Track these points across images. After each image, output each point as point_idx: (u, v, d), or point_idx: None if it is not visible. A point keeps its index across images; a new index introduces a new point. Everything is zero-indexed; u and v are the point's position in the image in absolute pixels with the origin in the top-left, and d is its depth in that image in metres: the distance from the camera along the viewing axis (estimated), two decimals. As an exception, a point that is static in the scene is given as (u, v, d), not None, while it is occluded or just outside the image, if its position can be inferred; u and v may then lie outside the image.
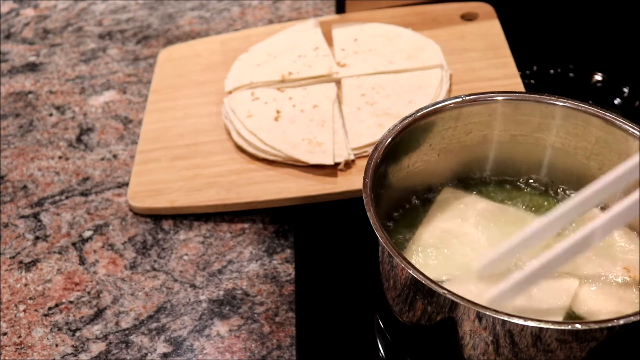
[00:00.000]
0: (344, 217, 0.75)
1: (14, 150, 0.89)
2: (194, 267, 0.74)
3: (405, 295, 0.55)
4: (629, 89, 0.92)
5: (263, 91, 0.86)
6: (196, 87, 0.92)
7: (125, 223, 0.79)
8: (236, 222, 0.78)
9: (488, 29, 0.91)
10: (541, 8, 1.01)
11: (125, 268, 0.74)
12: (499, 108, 0.66)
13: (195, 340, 0.67)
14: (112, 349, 0.67)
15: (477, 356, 0.54)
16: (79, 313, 0.70)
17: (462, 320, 0.52)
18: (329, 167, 0.77)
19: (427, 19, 0.95)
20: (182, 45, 1.01)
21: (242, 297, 0.70)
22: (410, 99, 0.82)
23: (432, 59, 0.87)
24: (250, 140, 0.80)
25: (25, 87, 0.98)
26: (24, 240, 0.78)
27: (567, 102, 0.64)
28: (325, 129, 0.80)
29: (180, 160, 0.82)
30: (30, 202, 0.82)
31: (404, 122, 0.64)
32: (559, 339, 0.50)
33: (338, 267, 0.72)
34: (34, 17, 1.12)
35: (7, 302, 0.71)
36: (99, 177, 0.84)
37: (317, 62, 0.89)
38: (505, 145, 0.68)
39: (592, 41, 0.99)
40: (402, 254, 0.54)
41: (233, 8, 1.11)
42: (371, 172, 0.60)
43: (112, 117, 0.92)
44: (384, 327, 0.64)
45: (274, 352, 0.66)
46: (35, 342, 0.68)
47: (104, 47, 1.04)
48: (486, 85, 0.83)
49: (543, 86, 0.93)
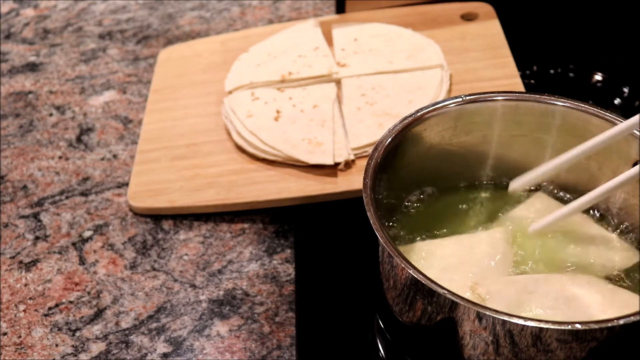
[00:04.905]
0: (344, 217, 0.75)
1: (14, 150, 0.89)
2: (194, 267, 0.74)
3: (405, 295, 0.55)
4: (629, 89, 0.92)
5: (263, 91, 0.86)
6: (196, 87, 0.92)
7: (125, 223, 0.79)
8: (236, 222, 0.78)
9: (488, 29, 0.91)
10: (541, 8, 1.01)
11: (125, 268, 0.74)
12: (499, 108, 0.66)
13: (195, 340, 0.67)
14: (112, 349, 0.67)
15: (477, 356, 0.54)
16: (79, 313, 0.70)
17: (462, 320, 0.52)
18: (329, 167, 0.77)
19: (427, 19, 0.95)
20: (182, 45, 1.01)
21: (242, 297, 0.70)
22: (410, 99, 0.82)
23: (432, 59, 0.87)
24: (250, 140, 0.80)
25: (25, 87, 0.98)
26: (24, 240, 0.78)
27: (567, 102, 0.64)
28: (325, 129, 0.80)
29: (180, 160, 0.82)
30: (30, 202, 0.82)
31: (404, 122, 0.64)
32: (559, 339, 0.50)
33: (338, 267, 0.72)
34: (34, 17, 1.12)
35: (7, 302, 0.71)
36: (99, 177, 0.84)
37: (317, 62, 0.89)
38: (505, 145, 0.68)
39: (592, 41, 0.99)
40: (402, 253, 0.54)
41: (233, 8, 1.11)
42: (371, 172, 0.60)
43: (112, 117, 0.92)
44: (384, 327, 0.64)
45: (274, 352, 0.66)
46: (35, 342, 0.68)
47: (104, 47, 1.04)
48: (486, 85, 0.83)
49: (543, 86, 0.92)
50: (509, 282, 0.58)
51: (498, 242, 0.62)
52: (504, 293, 0.57)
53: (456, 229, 0.65)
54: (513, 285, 0.58)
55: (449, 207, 0.67)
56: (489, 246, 0.62)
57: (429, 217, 0.66)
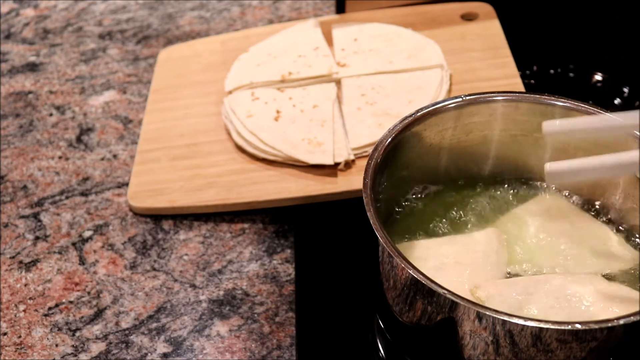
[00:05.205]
0: (344, 217, 0.75)
1: (14, 150, 0.88)
2: (194, 267, 0.74)
3: (405, 295, 0.55)
4: (629, 89, 0.92)
5: (263, 91, 0.86)
6: (196, 87, 0.92)
7: (125, 223, 0.79)
8: (236, 222, 0.78)
9: (488, 29, 0.91)
10: (541, 8, 1.01)
11: (125, 268, 0.74)
12: (499, 108, 0.66)
13: (195, 340, 0.67)
14: (112, 349, 0.67)
15: (477, 356, 0.54)
16: (79, 313, 0.70)
17: (462, 320, 0.52)
18: (329, 167, 0.77)
19: (427, 19, 0.95)
20: (182, 45, 1.01)
21: (242, 297, 0.70)
22: (410, 99, 0.82)
23: (432, 59, 0.87)
24: (250, 140, 0.80)
25: (25, 87, 0.98)
26: (24, 240, 0.78)
27: (567, 102, 0.64)
28: (325, 129, 0.80)
29: (180, 160, 0.82)
30: (30, 202, 0.82)
31: (404, 122, 0.64)
32: (559, 339, 0.50)
33: (338, 267, 0.72)
34: (34, 17, 1.12)
35: (7, 302, 0.71)
36: (99, 177, 0.84)
37: (317, 62, 0.89)
38: (505, 145, 0.68)
39: (592, 41, 0.99)
40: (402, 253, 0.54)
41: (233, 8, 1.11)
42: (371, 172, 0.60)
43: (112, 117, 0.92)
44: (384, 327, 0.64)
45: (274, 352, 0.66)
46: (35, 342, 0.68)
47: (104, 47, 1.04)
48: (486, 85, 0.83)
49: (543, 86, 0.92)
50: (509, 284, 0.58)
51: (494, 241, 0.62)
52: (505, 295, 0.57)
53: (456, 228, 0.65)
54: (513, 287, 0.58)
55: (449, 206, 0.67)
56: (485, 245, 0.62)
57: (429, 217, 0.66)
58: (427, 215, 0.67)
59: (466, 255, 0.61)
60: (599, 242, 0.63)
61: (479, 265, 0.60)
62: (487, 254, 0.61)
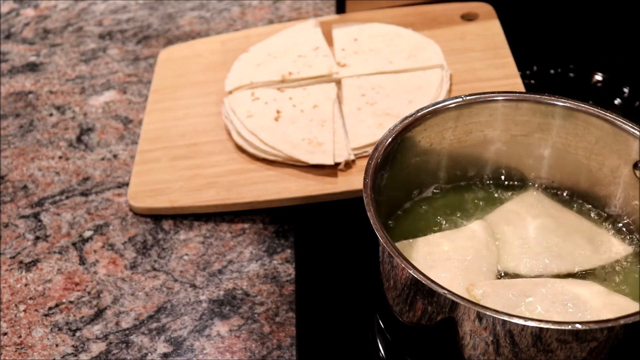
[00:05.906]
0: (344, 217, 0.75)
1: (14, 150, 0.89)
2: (194, 267, 0.74)
3: (406, 295, 0.55)
4: (629, 89, 0.92)
5: (263, 91, 0.86)
6: (196, 87, 0.92)
7: (125, 223, 0.79)
8: (236, 222, 0.78)
9: (488, 29, 0.91)
10: (541, 8, 1.01)
11: (126, 268, 0.74)
12: (499, 108, 0.66)
13: (195, 340, 0.67)
14: (112, 349, 0.67)
15: (477, 356, 0.54)
16: (79, 313, 0.70)
17: (462, 320, 0.52)
18: (329, 167, 0.77)
19: (427, 19, 0.95)
20: (182, 45, 1.01)
21: (242, 297, 0.70)
22: (410, 99, 0.82)
23: (432, 59, 0.87)
24: (250, 140, 0.80)
25: (25, 87, 0.98)
26: (24, 240, 0.78)
27: (567, 102, 0.64)
28: (325, 129, 0.80)
29: (180, 160, 0.82)
30: (31, 202, 0.82)
31: (404, 122, 0.64)
32: (559, 339, 0.50)
33: (338, 267, 0.72)
34: (34, 17, 1.12)
35: (7, 302, 0.71)
36: (99, 177, 0.84)
37: (317, 62, 0.89)
38: (505, 145, 0.68)
39: (592, 41, 0.99)
40: (402, 253, 0.54)
41: (233, 8, 1.11)
42: (371, 172, 0.60)
43: (112, 117, 0.92)
44: (384, 327, 0.64)
45: (274, 352, 0.66)
46: (35, 342, 0.68)
47: (104, 47, 1.05)
48: (486, 85, 0.83)
49: (543, 86, 0.93)
50: (507, 285, 0.58)
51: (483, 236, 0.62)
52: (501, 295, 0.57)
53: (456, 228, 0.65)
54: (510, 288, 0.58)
55: (449, 207, 0.67)
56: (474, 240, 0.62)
57: (429, 217, 0.66)
58: (427, 216, 0.67)
59: (455, 251, 0.61)
60: (587, 235, 0.63)
61: (469, 260, 0.60)
62: (477, 249, 0.61)
